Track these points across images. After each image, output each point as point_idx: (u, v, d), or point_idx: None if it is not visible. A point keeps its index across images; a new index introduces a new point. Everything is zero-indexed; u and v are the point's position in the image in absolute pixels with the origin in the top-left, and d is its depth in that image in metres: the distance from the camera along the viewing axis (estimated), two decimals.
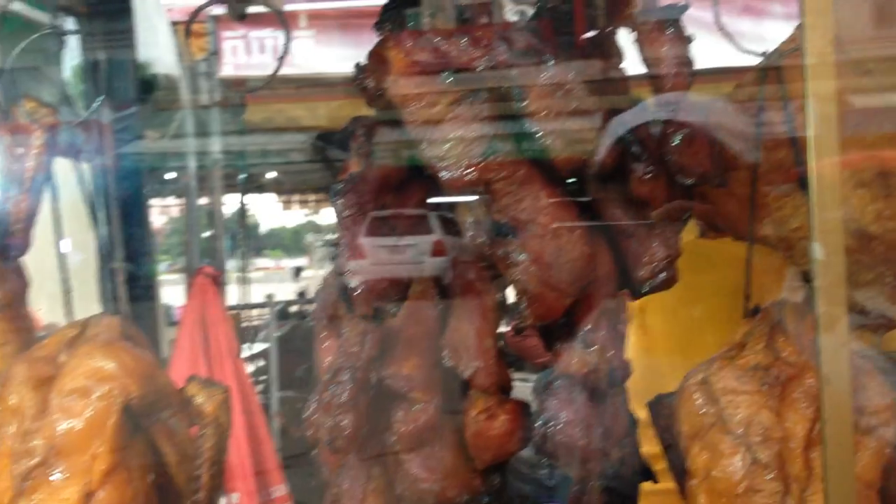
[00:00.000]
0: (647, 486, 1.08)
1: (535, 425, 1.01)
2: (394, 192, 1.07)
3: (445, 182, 1.00)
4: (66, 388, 1.14)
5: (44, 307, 1.42)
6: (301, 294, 9.23)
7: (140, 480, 1.16)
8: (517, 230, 0.99)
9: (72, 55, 2.50)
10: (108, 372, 1.15)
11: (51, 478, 1.12)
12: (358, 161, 1.06)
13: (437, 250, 1.12)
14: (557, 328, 1.05)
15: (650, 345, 1.55)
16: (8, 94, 1.30)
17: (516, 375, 1.10)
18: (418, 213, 1.15)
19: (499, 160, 0.98)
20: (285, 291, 10.15)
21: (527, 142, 1.00)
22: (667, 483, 1.07)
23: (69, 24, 1.87)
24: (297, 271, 9.53)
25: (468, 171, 0.98)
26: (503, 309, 1.12)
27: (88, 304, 1.40)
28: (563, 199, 1.01)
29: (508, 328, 1.07)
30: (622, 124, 1.00)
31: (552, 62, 0.99)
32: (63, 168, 1.35)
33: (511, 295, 1.08)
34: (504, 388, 1.06)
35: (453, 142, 0.99)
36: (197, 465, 1.20)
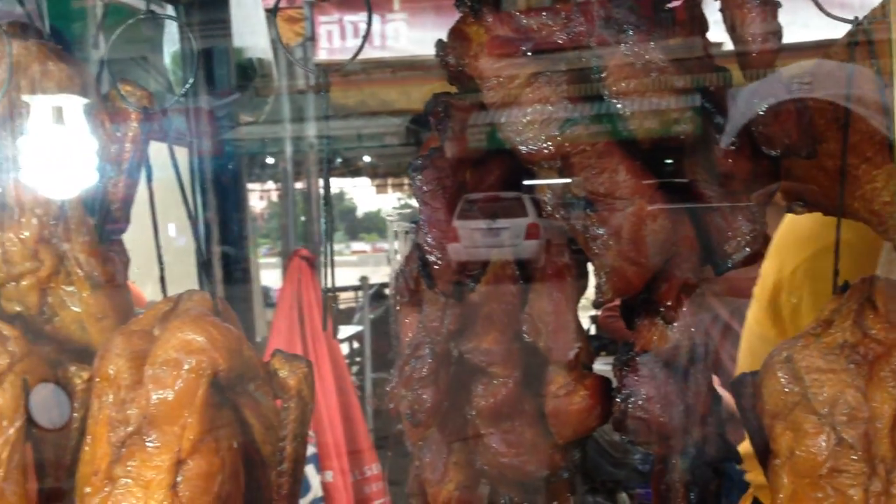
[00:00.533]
0: None
1: (615, 401, 1.00)
2: (473, 169, 1.07)
3: (524, 157, 0.99)
4: (158, 360, 1.18)
5: (149, 288, 1.48)
6: (396, 277, 9.36)
7: (228, 450, 1.19)
8: (596, 204, 0.97)
9: (171, 43, 2.60)
10: (198, 345, 1.18)
11: (144, 445, 1.16)
12: (437, 137, 1.06)
13: (531, 233, 1.11)
14: (638, 304, 1.03)
15: (784, 328, 1.50)
16: (113, 82, 1.35)
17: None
18: (512, 195, 1.14)
19: (577, 134, 0.97)
20: (380, 274, 10.30)
21: (606, 116, 0.98)
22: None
23: (168, 11, 1.93)
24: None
25: (546, 145, 0.97)
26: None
27: (191, 286, 1.45)
28: (644, 172, 0.99)
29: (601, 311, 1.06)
30: (707, 95, 0.97)
31: (633, 35, 0.96)
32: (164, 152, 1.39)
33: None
34: (585, 364, 1.05)
35: (532, 116, 0.98)
36: (281, 436, 1.22)
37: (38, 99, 1.31)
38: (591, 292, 1.07)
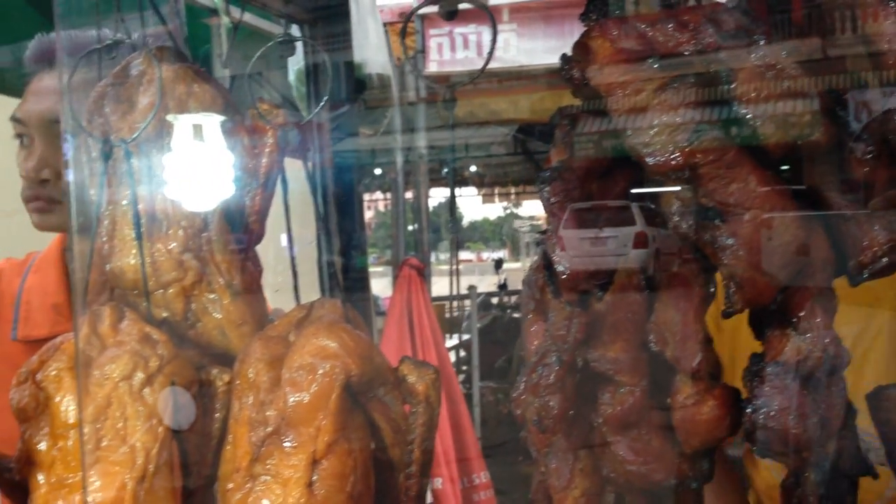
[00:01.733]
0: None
1: (746, 412, 0.99)
2: (599, 180, 1.09)
3: (651, 168, 1.00)
4: (294, 365, 1.25)
5: (268, 296, 1.55)
6: (502, 286, 9.39)
7: (359, 452, 1.24)
8: (725, 214, 0.97)
9: (295, 59, 2.70)
10: (332, 351, 1.24)
11: (282, 445, 1.22)
12: (563, 150, 1.09)
13: (639, 242, 1.12)
14: (768, 314, 1.02)
15: None
16: (242, 99, 1.43)
17: None
18: (620, 204, 1.15)
19: (706, 144, 0.98)
20: (486, 284, 10.34)
21: (736, 125, 0.99)
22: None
23: (294, 30, 2.03)
24: (498, 264, 9.69)
25: (674, 156, 0.98)
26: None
27: (308, 294, 1.51)
28: (775, 181, 0.98)
29: None
30: (838, 100, 0.96)
31: (763, 42, 0.96)
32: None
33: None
34: (713, 374, 1.05)
35: (659, 127, 0.99)
36: (409, 440, 1.27)
37: (181, 118, 1.40)
38: None
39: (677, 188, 0.98)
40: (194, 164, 1.39)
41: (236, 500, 1.23)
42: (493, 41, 1.16)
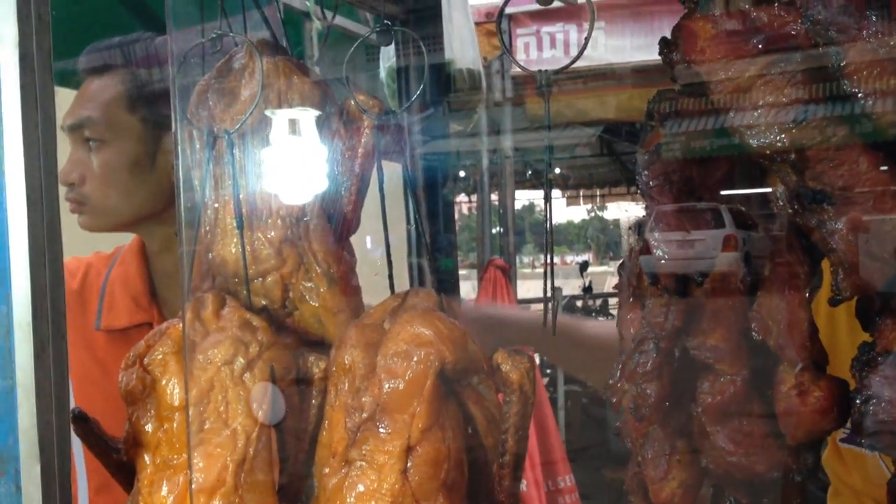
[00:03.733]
0: None
1: (855, 403, 0.96)
2: (699, 165, 1.07)
3: (756, 151, 0.98)
4: (389, 352, 1.26)
5: None
6: (586, 289, 9.29)
7: (453, 440, 1.25)
8: (834, 197, 0.94)
9: (386, 58, 2.74)
10: (426, 338, 1.25)
11: (377, 431, 1.24)
12: (661, 134, 1.07)
13: (728, 244, 1.10)
14: (880, 302, 0.99)
15: None
16: (350, 92, 1.45)
17: None
18: (709, 206, 1.13)
19: (814, 125, 0.95)
20: (570, 287, 10.25)
21: (845, 105, 0.96)
22: None
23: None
24: (583, 266, 9.59)
25: (780, 138, 0.96)
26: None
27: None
28: (887, 163, 0.95)
29: None
30: None
31: (874, 18, 0.93)
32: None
33: None
34: (818, 364, 1.02)
35: (764, 108, 0.97)
36: (503, 429, 1.27)
37: (279, 112, 1.44)
38: None
39: (785, 167, 0.95)
40: (292, 157, 1.42)
41: (332, 484, 1.25)
42: (590, 29, 1.14)
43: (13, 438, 1.18)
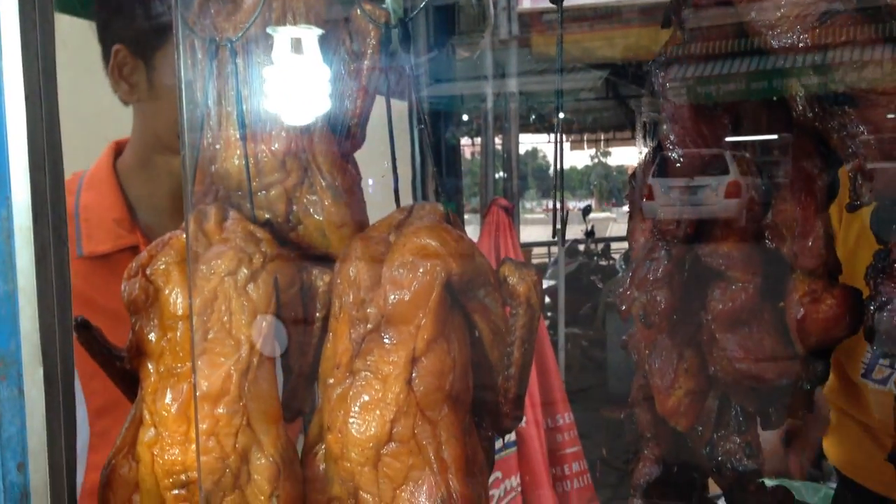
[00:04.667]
0: None
1: (868, 310, 0.95)
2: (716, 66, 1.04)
3: (777, 51, 0.95)
4: (395, 263, 1.25)
5: None
6: (589, 233, 9.28)
7: (459, 352, 1.24)
8: (856, 100, 0.92)
9: None
10: (433, 249, 1.24)
11: (382, 342, 1.23)
12: (679, 37, 1.04)
13: (732, 191, 1.07)
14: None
15: None
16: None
17: None
18: (713, 152, 1.10)
19: (837, 24, 0.92)
20: (573, 233, 10.23)
21: (870, 4, 0.92)
22: None
23: None
24: (586, 210, 9.56)
25: (803, 37, 0.93)
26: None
27: None
28: None
29: None
30: None
31: None
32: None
33: None
34: (832, 273, 1.00)
35: (786, 9, 0.94)
36: (509, 342, 1.26)
37: (280, 30, 1.40)
38: None
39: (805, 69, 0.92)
40: (296, 68, 1.39)
41: (337, 395, 1.25)
42: None
43: (15, 343, 1.17)
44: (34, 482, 1.19)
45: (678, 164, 1.08)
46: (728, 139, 1.09)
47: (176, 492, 1.26)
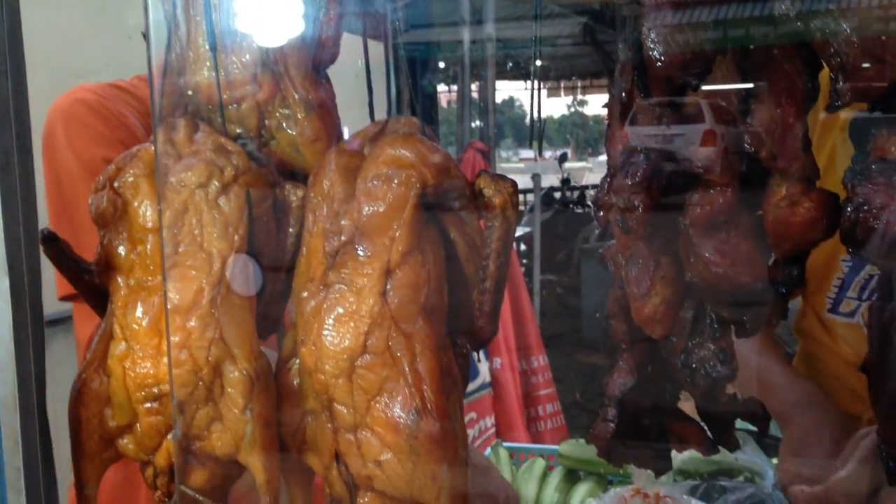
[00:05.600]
0: None
1: (845, 212, 0.94)
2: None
3: None
4: (369, 175, 1.23)
5: None
6: (565, 181, 9.28)
7: (433, 265, 1.23)
8: None
9: None
10: (408, 160, 1.22)
11: (356, 254, 1.21)
12: None
13: (707, 139, 1.06)
14: (878, 110, 0.96)
15: None
16: None
17: None
18: (688, 100, 1.09)
19: None
20: (549, 182, 10.22)
21: None
22: None
23: None
24: (563, 158, 9.55)
25: None
26: None
27: None
28: None
29: None
30: None
31: None
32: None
33: None
34: (809, 178, 1.00)
35: None
36: (485, 254, 1.25)
37: None
38: None
39: None
40: None
41: (310, 308, 1.24)
42: None
43: None
44: (2, 394, 1.18)
45: (653, 113, 1.07)
46: (705, 87, 1.08)
47: (148, 405, 1.25)
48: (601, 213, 1.06)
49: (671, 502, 1.87)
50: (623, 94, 1.06)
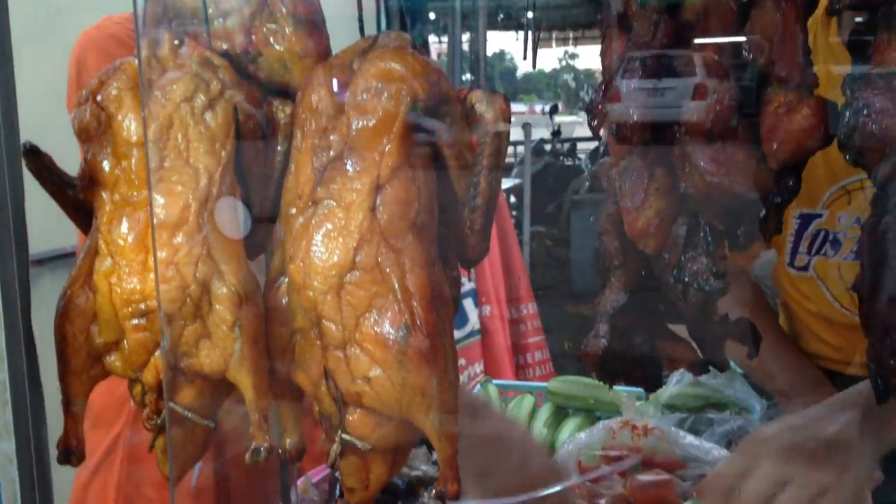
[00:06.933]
0: None
1: (844, 117, 0.93)
2: None
3: None
4: (359, 88, 1.20)
5: None
6: (555, 132, 9.23)
7: (424, 181, 1.21)
8: None
9: None
10: (398, 73, 1.19)
11: (345, 170, 1.19)
12: None
13: (699, 93, 1.04)
14: (878, 17, 0.94)
15: None
16: None
17: None
18: (680, 53, 1.06)
19: None
20: (539, 133, 10.15)
21: None
22: None
23: None
24: (553, 110, 9.48)
25: None
26: None
27: None
28: None
29: None
30: None
31: None
32: None
33: None
34: (808, 85, 0.98)
35: None
36: (476, 171, 1.23)
37: None
38: None
39: None
40: None
41: (299, 224, 1.22)
42: None
43: None
44: None
45: (645, 66, 1.05)
46: (697, 41, 1.06)
47: (135, 321, 1.23)
48: (595, 123, 1.03)
49: (659, 433, 1.88)
50: (619, 4, 1.04)
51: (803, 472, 1.12)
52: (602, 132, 1.04)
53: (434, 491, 1.25)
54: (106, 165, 1.25)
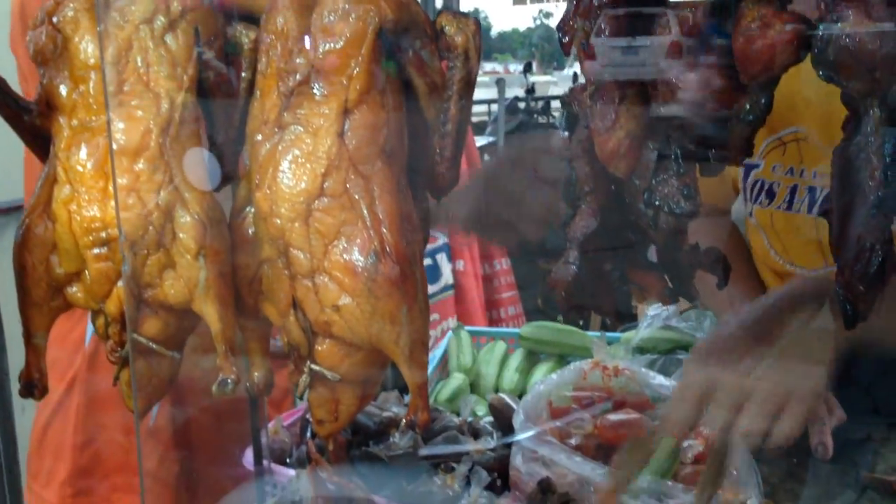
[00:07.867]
0: None
1: (816, 33, 0.91)
2: None
3: None
4: (325, 10, 1.17)
5: None
6: (530, 90, 9.17)
7: (393, 107, 1.19)
8: None
9: None
10: None
11: (312, 94, 1.16)
12: None
13: (673, 51, 1.01)
14: None
15: None
16: None
17: None
18: (654, 11, 1.04)
19: None
20: (513, 92, 10.07)
21: None
22: None
23: None
24: (527, 68, 9.41)
25: None
26: None
27: None
28: None
29: None
30: None
31: None
32: None
33: None
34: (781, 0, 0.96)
35: None
36: (446, 97, 1.20)
37: None
38: None
39: None
40: None
41: (265, 151, 1.19)
42: None
43: None
44: None
45: (619, 23, 1.02)
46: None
47: (96, 251, 1.20)
48: (566, 40, 1.01)
49: (630, 374, 1.89)
50: None
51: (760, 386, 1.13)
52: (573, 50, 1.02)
53: (405, 421, 1.24)
54: (63, 90, 1.21)
